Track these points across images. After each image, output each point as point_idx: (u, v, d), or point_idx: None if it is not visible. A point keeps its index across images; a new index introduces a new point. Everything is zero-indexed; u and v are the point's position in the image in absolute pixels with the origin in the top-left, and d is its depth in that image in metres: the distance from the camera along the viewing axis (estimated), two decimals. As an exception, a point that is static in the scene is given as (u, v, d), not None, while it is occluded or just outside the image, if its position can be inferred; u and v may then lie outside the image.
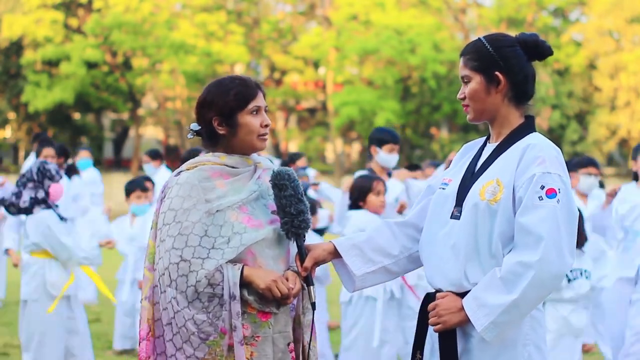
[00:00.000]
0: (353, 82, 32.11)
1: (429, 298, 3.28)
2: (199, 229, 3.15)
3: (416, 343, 3.32)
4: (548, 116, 31.93)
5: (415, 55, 30.74)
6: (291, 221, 3.21)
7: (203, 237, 3.15)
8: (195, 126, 3.35)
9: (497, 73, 3.19)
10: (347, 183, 6.95)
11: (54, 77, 30.95)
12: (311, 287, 3.25)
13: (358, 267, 3.35)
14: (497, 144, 3.24)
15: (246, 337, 3.17)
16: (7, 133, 35.88)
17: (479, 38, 3.27)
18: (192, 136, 3.36)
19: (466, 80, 3.25)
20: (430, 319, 3.20)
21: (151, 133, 40.70)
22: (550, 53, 3.25)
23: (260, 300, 3.19)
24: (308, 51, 32.52)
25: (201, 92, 3.34)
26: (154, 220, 3.29)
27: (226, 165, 3.29)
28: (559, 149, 3.21)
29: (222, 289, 3.12)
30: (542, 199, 3.04)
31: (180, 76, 31.51)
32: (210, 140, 3.33)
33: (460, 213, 3.18)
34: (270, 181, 3.27)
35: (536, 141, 3.17)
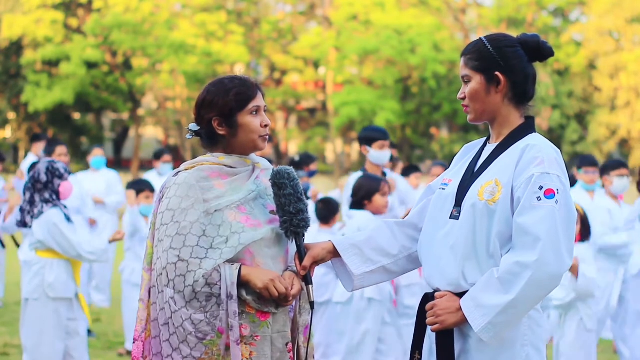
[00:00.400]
0: (353, 82, 32.11)
1: (428, 298, 3.27)
2: (197, 229, 3.15)
3: (414, 343, 3.32)
4: (548, 116, 31.93)
5: (415, 55, 30.74)
6: (290, 220, 3.21)
7: (201, 237, 3.15)
8: (194, 126, 3.35)
9: (498, 73, 3.19)
10: (343, 183, 6.97)
11: (54, 77, 30.95)
12: (310, 287, 3.25)
13: (357, 267, 3.34)
14: (497, 145, 3.24)
15: (245, 337, 3.17)
16: (7, 133, 35.88)
17: (480, 38, 3.27)
18: (191, 136, 3.36)
19: (466, 80, 3.25)
20: (427, 319, 3.20)
21: (151, 133, 40.71)
22: (551, 54, 3.25)
23: (258, 300, 3.19)
24: (308, 51, 32.53)
25: (200, 92, 3.34)
26: (152, 220, 3.29)
27: (224, 165, 3.29)
28: (559, 150, 3.21)
29: (220, 289, 3.12)
30: (541, 200, 3.04)
31: (180, 76, 31.52)
32: (209, 140, 3.33)
33: (459, 213, 3.18)
34: (269, 180, 3.28)
35: (535, 142, 3.16)
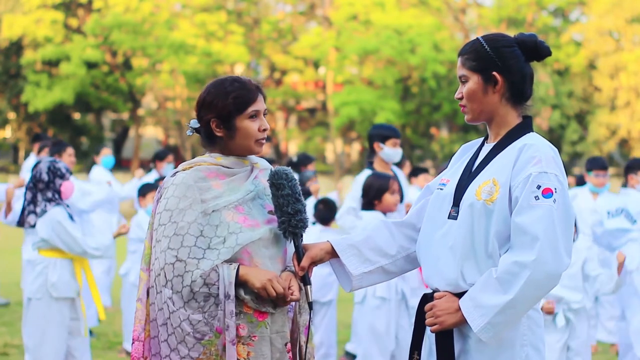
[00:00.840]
0: (353, 82, 32.11)
1: (427, 298, 3.27)
2: (195, 229, 3.15)
3: (413, 344, 3.32)
4: (548, 116, 31.94)
5: (415, 55, 30.74)
6: (288, 220, 3.21)
7: (199, 237, 3.15)
8: (195, 123, 3.35)
9: (495, 73, 3.19)
10: (341, 185, 6.96)
11: (54, 77, 30.95)
12: (308, 287, 3.25)
13: (355, 267, 3.34)
14: (494, 144, 3.24)
15: (242, 337, 3.17)
16: (7, 133, 35.88)
17: (477, 38, 3.27)
18: (192, 133, 3.36)
19: (464, 80, 3.25)
20: (427, 320, 3.20)
21: (151, 133, 40.71)
22: (548, 54, 3.25)
23: (256, 299, 3.19)
24: (308, 51, 32.52)
25: (202, 91, 3.33)
26: (150, 221, 3.29)
27: (222, 165, 3.29)
28: (556, 149, 3.20)
29: (218, 289, 3.12)
30: (539, 199, 3.04)
31: (180, 76, 31.52)
32: (207, 140, 3.33)
33: (457, 213, 3.18)
34: (267, 180, 3.28)
35: (532, 141, 3.16)
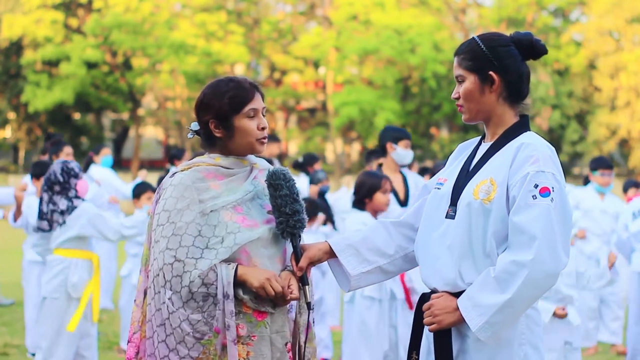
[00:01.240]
0: (353, 82, 32.11)
1: (425, 298, 3.27)
2: (193, 229, 3.15)
3: (412, 343, 3.32)
4: (548, 116, 31.93)
5: (415, 55, 30.74)
6: (286, 221, 3.21)
7: (197, 237, 3.15)
8: (195, 125, 3.35)
9: (492, 73, 3.18)
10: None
11: (54, 77, 30.95)
12: (306, 287, 3.25)
13: (353, 267, 3.34)
14: (492, 143, 3.24)
15: (242, 337, 3.17)
16: (7, 133, 35.87)
17: (473, 37, 3.26)
18: (192, 136, 3.37)
19: (460, 80, 3.24)
20: (425, 319, 3.20)
21: (151, 133, 40.71)
22: (544, 52, 3.24)
23: (255, 299, 3.19)
24: (308, 51, 32.53)
25: (199, 94, 3.35)
26: (149, 222, 3.29)
27: (220, 166, 3.29)
28: (554, 148, 3.20)
29: (216, 289, 3.13)
30: (536, 198, 3.03)
31: (180, 76, 31.52)
32: (207, 141, 3.34)
33: (455, 212, 3.18)
34: (265, 181, 3.28)
35: (530, 140, 3.16)
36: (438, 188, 3.31)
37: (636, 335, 7.44)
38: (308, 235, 7.02)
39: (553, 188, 3.06)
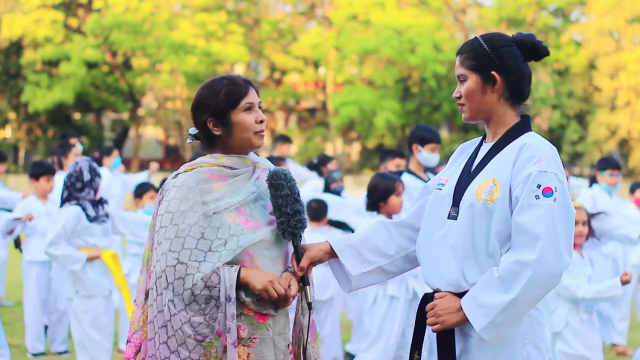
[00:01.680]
0: (353, 82, 32.13)
1: (427, 298, 3.27)
2: (196, 232, 3.14)
3: (414, 343, 3.32)
4: (548, 116, 31.96)
5: (415, 55, 30.76)
6: (288, 221, 3.20)
7: (200, 240, 3.14)
8: (193, 130, 3.35)
9: (494, 73, 3.19)
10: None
11: (54, 77, 30.96)
12: (307, 287, 3.24)
13: (354, 267, 3.34)
14: (493, 144, 3.24)
15: (243, 339, 3.17)
16: (7, 133, 35.88)
17: (476, 37, 3.27)
18: (191, 140, 3.37)
19: (462, 79, 3.25)
20: (428, 319, 3.20)
21: (151, 133, 40.71)
22: (546, 53, 3.25)
23: (257, 301, 3.18)
24: (308, 51, 32.55)
25: (194, 96, 3.35)
26: (152, 223, 3.28)
27: (224, 166, 3.28)
28: (555, 148, 3.21)
29: (219, 291, 3.12)
30: (539, 198, 3.03)
31: (180, 76, 31.53)
32: (207, 142, 3.33)
33: (457, 213, 3.18)
34: (266, 181, 3.27)
35: (532, 140, 3.16)
36: (439, 189, 3.31)
37: None
38: (320, 235, 7.04)
39: (556, 188, 3.06)
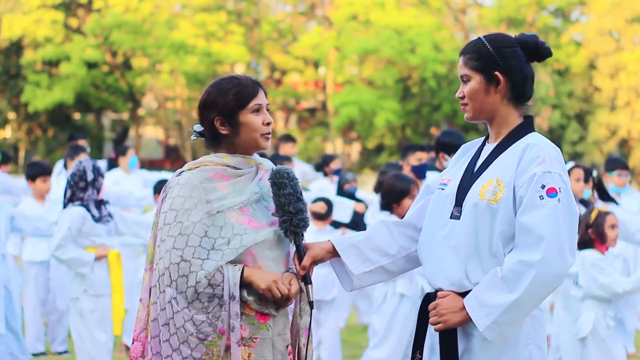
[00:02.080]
0: (353, 82, 32.15)
1: (429, 298, 3.28)
2: (200, 230, 3.14)
3: (415, 343, 3.32)
4: (548, 116, 31.97)
5: (415, 55, 30.77)
6: (290, 220, 3.20)
7: (203, 238, 3.14)
8: (198, 127, 3.35)
9: (497, 73, 3.19)
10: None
11: (54, 77, 30.98)
12: (309, 286, 3.25)
13: (356, 267, 3.34)
14: (497, 144, 3.24)
15: (244, 339, 3.17)
16: (7, 133, 35.90)
17: (479, 38, 3.27)
18: (196, 137, 3.37)
19: (465, 79, 3.25)
20: (431, 319, 3.20)
21: (151, 133, 40.71)
22: (549, 54, 3.26)
23: (259, 301, 3.19)
24: (308, 51, 32.56)
25: (202, 94, 3.34)
26: (155, 220, 3.28)
27: (228, 165, 3.28)
28: (559, 149, 3.21)
29: (222, 290, 3.12)
30: (543, 198, 3.04)
31: (180, 76, 31.55)
32: (213, 140, 3.33)
33: (460, 213, 3.18)
34: (269, 179, 3.27)
35: (536, 141, 3.16)
36: (442, 188, 3.31)
37: None
38: (329, 235, 7.05)
39: (560, 189, 3.06)
